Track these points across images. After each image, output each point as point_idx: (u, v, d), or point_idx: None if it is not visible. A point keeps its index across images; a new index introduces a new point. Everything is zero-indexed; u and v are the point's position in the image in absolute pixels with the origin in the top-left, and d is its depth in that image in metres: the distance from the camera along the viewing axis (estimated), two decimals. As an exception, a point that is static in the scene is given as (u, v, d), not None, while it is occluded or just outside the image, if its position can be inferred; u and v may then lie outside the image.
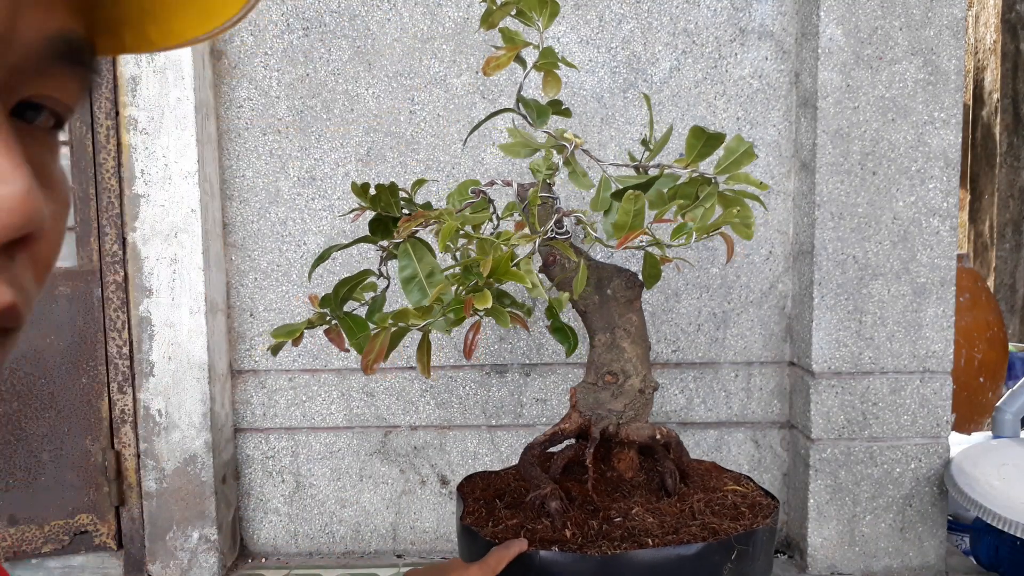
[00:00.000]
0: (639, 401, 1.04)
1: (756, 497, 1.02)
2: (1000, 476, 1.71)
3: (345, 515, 2.01)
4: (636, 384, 1.03)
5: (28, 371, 1.83)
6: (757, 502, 1.00)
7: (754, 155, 0.84)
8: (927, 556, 1.85)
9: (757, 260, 1.92)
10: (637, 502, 1.00)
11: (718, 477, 1.10)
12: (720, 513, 0.97)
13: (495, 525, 0.97)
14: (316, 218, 1.94)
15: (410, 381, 1.97)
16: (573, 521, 0.96)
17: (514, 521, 0.98)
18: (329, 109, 1.91)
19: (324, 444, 1.99)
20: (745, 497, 1.01)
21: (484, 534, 0.95)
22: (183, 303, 1.82)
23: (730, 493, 1.01)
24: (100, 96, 1.79)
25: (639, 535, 0.91)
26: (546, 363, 1.96)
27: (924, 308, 1.80)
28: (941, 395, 1.82)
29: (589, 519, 0.97)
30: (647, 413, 1.05)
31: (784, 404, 1.96)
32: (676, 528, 0.93)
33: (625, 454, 1.08)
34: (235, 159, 1.93)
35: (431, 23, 1.89)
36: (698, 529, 0.93)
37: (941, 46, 1.75)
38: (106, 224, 1.82)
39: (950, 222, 1.78)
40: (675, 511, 0.98)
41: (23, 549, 1.85)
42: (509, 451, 1.97)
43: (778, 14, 1.87)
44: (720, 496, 1.01)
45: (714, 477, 1.09)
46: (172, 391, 1.84)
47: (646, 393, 1.04)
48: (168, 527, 1.87)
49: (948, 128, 1.77)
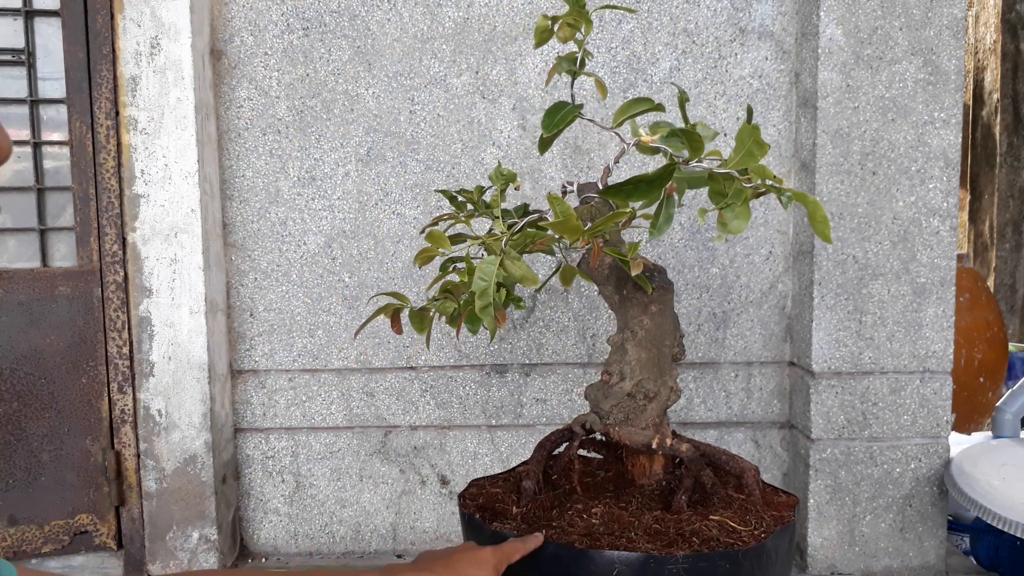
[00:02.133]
0: (628, 404, 1.02)
1: (742, 537, 0.91)
2: (1000, 476, 1.71)
3: (345, 515, 2.01)
4: (626, 387, 1.01)
5: (28, 371, 1.83)
6: (734, 542, 0.90)
7: (764, 144, 0.83)
8: (927, 556, 1.85)
9: (757, 260, 1.92)
10: (615, 505, 1.00)
11: (748, 502, 0.99)
12: (677, 539, 0.90)
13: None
14: (316, 218, 1.94)
15: (410, 381, 1.97)
16: (536, 503, 1.02)
17: (497, 489, 1.06)
18: (329, 109, 1.91)
19: (324, 444, 1.99)
20: (730, 533, 0.91)
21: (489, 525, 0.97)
22: (183, 303, 1.82)
23: (715, 526, 0.93)
24: (100, 96, 1.79)
25: (568, 532, 0.94)
26: (546, 363, 1.96)
27: (924, 308, 1.80)
28: (941, 395, 1.82)
29: (554, 506, 1.02)
30: (643, 418, 1.01)
31: (784, 404, 1.96)
32: (609, 535, 0.92)
33: (637, 459, 1.07)
34: (235, 159, 1.93)
35: (431, 23, 1.89)
36: (626, 542, 0.89)
37: (941, 46, 1.75)
38: (106, 224, 1.82)
39: (950, 222, 1.78)
40: (642, 522, 0.94)
41: (23, 549, 1.85)
42: (509, 451, 1.98)
43: (778, 14, 1.87)
44: (704, 524, 0.93)
45: (742, 502, 0.99)
46: (172, 391, 1.84)
47: (637, 398, 1.01)
48: (168, 527, 1.87)
49: (948, 128, 1.77)
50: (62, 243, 1.86)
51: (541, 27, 0.92)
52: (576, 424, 1.07)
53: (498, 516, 1.01)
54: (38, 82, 1.82)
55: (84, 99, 1.79)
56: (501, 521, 0.99)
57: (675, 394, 1.04)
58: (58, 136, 1.83)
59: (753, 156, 0.82)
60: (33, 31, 1.80)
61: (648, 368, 1.02)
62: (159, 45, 1.77)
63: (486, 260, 0.90)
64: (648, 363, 1.02)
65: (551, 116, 0.92)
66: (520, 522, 0.98)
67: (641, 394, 1.02)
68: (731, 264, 1.91)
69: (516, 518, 1.00)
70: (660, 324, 1.02)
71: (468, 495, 1.09)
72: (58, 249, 1.86)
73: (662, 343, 1.02)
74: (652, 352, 1.02)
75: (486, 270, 0.89)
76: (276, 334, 1.96)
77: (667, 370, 1.03)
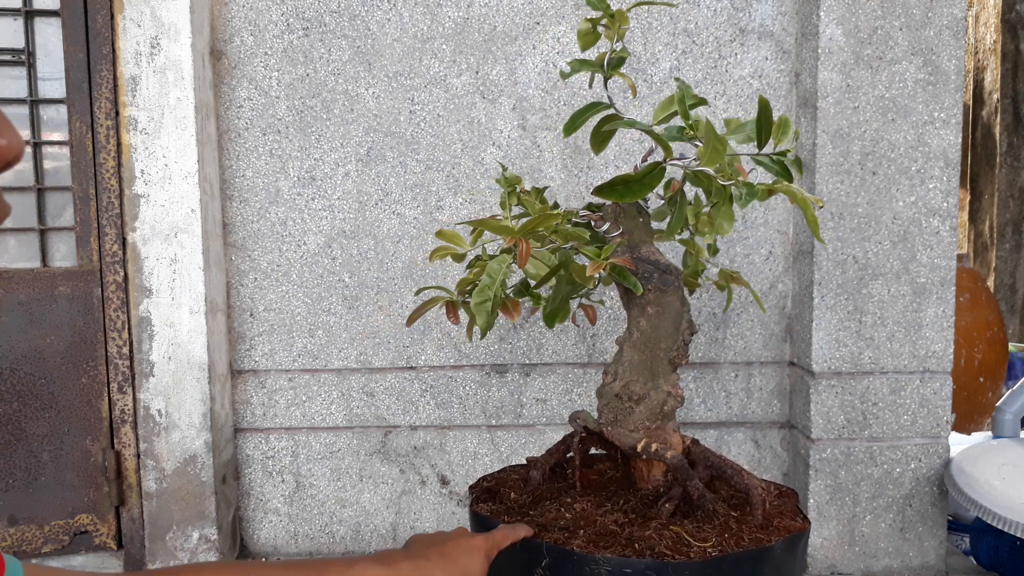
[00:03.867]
0: (616, 405, 1.01)
1: (690, 552, 0.87)
2: (1000, 476, 1.71)
3: (345, 515, 2.01)
4: (615, 388, 1.01)
5: (28, 371, 1.83)
6: (672, 555, 0.86)
7: (789, 122, 0.83)
8: (927, 556, 1.85)
9: (757, 260, 1.92)
10: (595, 504, 1.01)
11: (726, 513, 0.96)
12: (624, 543, 0.89)
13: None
14: (316, 218, 1.94)
15: (410, 381, 1.97)
16: (536, 493, 1.05)
17: (516, 476, 1.11)
18: (329, 109, 1.91)
19: (324, 444, 1.99)
20: (682, 547, 0.88)
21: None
22: (183, 303, 1.82)
23: (672, 536, 0.89)
24: (100, 96, 1.79)
25: (534, 521, 0.96)
26: (546, 363, 1.96)
27: (924, 308, 1.80)
28: (941, 395, 1.82)
29: (549, 498, 1.04)
30: (631, 420, 1.00)
31: (784, 404, 1.96)
32: (564, 530, 0.93)
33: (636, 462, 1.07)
34: (235, 159, 1.93)
35: (431, 23, 1.89)
36: (567, 536, 0.90)
37: (941, 46, 1.75)
38: (106, 224, 1.82)
39: (950, 222, 1.78)
40: (603, 523, 0.95)
41: (23, 549, 1.85)
42: (509, 451, 1.97)
43: (778, 14, 1.87)
44: (659, 534, 0.91)
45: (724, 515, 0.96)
46: (172, 391, 1.84)
47: (623, 399, 1.00)
48: (168, 527, 1.87)
49: (948, 128, 1.77)
50: (62, 243, 1.86)
51: (584, 30, 0.92)
52: (573, 420, 1.08)
53: (495, 499, 1.04)
54: (38, 82, 1.82)
55: (84, 99, 1.79)
56: (496, 503, 1.03)
57: (673, 399, 1.00)
58: (58, 136, 1.83)
59: (718, 153, 0.82)
60: (33, 31, 1.80)
61: (638, 370, 1.01)
62: (159, 45, 1.77)
63: (497, 259, 0.90)
64: (639, 365, 1.00)
65: (579, 118, 0.92)
66: (515, 508, 1.01)
67: (627, 396, 1.01)
68: (731, 264, 1.91)
69: (511, 503, 1.02)
70: (657, 326, 1.00)
71: (483, 479, 1.12)
72: (58, 249, 1.86)
73: (657, 346, 1.00)
74: (645, 354, 1.00)
75: (494, 268, 0.89)
76: (276, 334, 1.96)
77: (662, 373, 1.00)
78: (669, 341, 1.00)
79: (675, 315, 1.00)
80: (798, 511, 1.00)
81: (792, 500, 1.02)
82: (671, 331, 1.00)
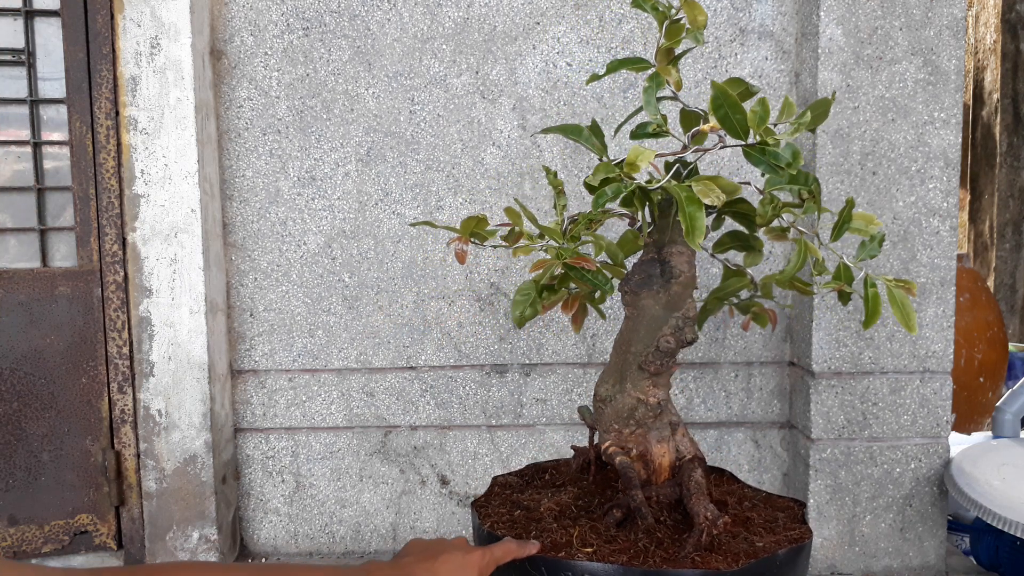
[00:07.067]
0: (595, 406, 1.02)
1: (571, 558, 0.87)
2: (1000, 476, 1.71)
3: (345, 515, 2.01)
4: (601, 392, 1.01)
5: (28, 371, 1.83)
6: (557, 559, 0.88)
7: (829, 99, 0.89)
8: (927, 556, 1.85)
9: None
10: (572, 497, 1.05)
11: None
12: (536, 537, 0.92)
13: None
14: (316, 218, 1.94)
15: (410, 381, 1.97)
16: (543, 483, 1.11)
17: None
18: (329, 109, 1.91)
19: (324, 444, 1.99)
20: (573, 554, 0.89)
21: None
22: (183, 303, 1.82)
23: (577, 541, 0.91)
24: (100, 96, 1.79)
25: (525, 514, 1.00)
26: (546, 363, 1.96)
27: (924, 308, 1.80)
28: (941, 395, 1.82)
29: (564, 494, 1.06)
30: (603, 421, 1.00)
31: (784, 404, 1.96)
32: (529, 520, 0.98)
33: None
34: (235, 159, 1.93)
35: (431, 23, 1.89)
36: (507, 529, 0.96)
37: (941, 46, 1.75)
38: (106, 224, 1.82)
39: (950, 222, 1.78)
40: (552, 518, 0.99)
41: (23, 549, 1.85)
42: (509, 451, 1.98)
43: (778, 14, 1.87)
44: (572, 537, 0.93)
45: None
46: (172, 391, 1.84)
47: (603, 402, 1.00)
48: (168, 527, 1.87)
49: (948, 128, 1.77)
50: (62, 243, 1.86)
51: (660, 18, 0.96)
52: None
53: (508, 488, 1.11)
54: (38, 82, 1.82)
55: (84, 99, 1.79)
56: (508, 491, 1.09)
57: (644, 406, 0.97)
58: (58, 136, 1.83)
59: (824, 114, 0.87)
60: (33, 31, 1.80)
61: (609, 372, 1.00)
62: (159, 45, 1.77)
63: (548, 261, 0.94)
64: (612, 367, 1.00)
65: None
66: (531, 492, 1.08)
67: (597, 396, 1.01)
68: (731, 264, 1.91)
69: (525, 485, 1.11)
70: (630, 328, 0.98)
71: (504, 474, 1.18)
72: (58, 249, 1.86)
73: (628, 349, 0.98)
74: (618, 357, 0.99)
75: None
76: (276, 334, 1.96)
77: (629, 378, 0.98)
78: (640, 346, 0.97)
79: (650, 320, 0.97)
80: (792, 526, 1.01)
81: (703, 520, 0.91)
82: (643, 336, 0.97)
